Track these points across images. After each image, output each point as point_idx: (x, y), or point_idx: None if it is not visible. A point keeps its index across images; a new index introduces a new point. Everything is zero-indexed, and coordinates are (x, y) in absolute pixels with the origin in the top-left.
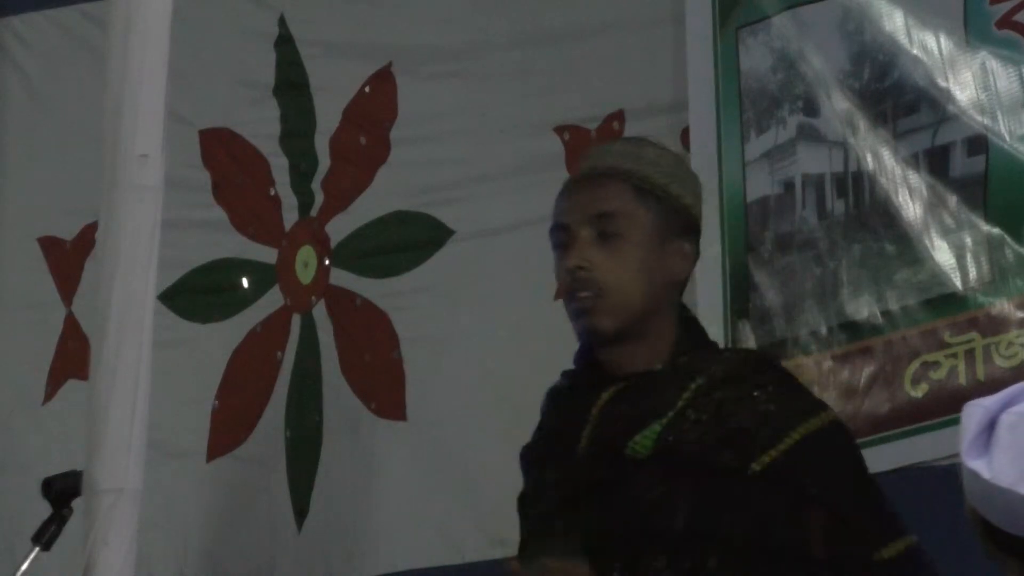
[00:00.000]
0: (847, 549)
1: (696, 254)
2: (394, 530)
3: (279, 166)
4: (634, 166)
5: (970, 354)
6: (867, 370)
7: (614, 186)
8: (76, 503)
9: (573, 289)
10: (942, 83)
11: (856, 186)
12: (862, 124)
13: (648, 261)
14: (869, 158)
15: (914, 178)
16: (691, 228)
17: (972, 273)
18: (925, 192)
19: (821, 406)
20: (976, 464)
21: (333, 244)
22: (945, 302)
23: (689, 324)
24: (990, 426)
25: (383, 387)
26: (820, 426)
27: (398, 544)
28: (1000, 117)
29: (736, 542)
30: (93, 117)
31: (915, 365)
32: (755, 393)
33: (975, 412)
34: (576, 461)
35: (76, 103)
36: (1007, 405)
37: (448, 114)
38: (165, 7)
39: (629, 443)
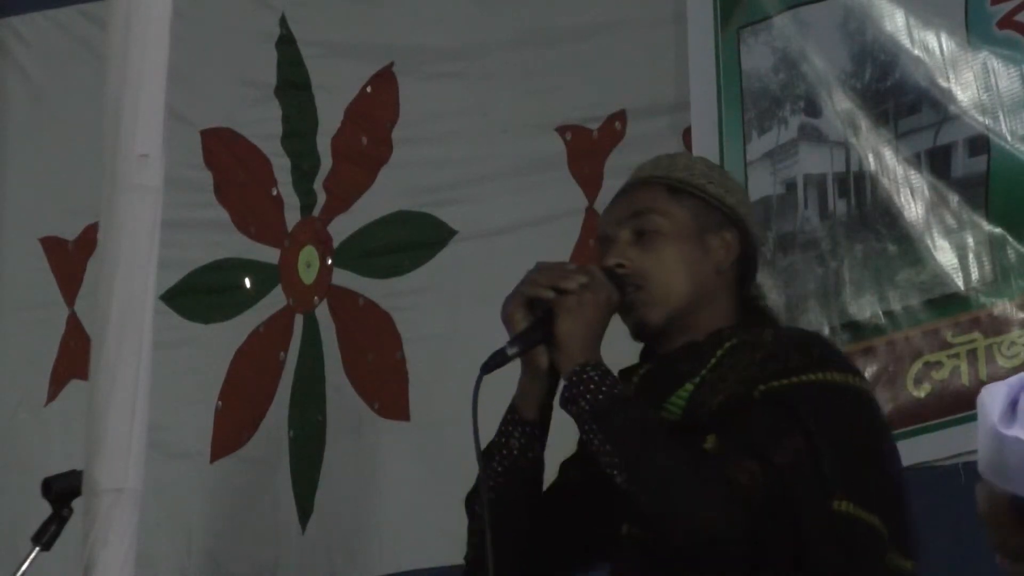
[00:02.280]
0: (808, 488)
1: (744, 245)
2: (397, 530)
3: (281, 166)
4: (666, 172)
5: (972, 354)
6: (869, 370)
7: (647, 190)
8: (76, 503)
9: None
10: (943, 83)
11: (858, 186)
12: (864, 124)
13: (688, 253)
14: (871, 158)
15: (916, 178)
16: (732, 221)
17: (974, 273)
18: (927, 192)
19: (852, 371)
20: (1015, 431)
21: (335, 244)
22: (947, 302)
23: (755, 312)
24: (1013, 404)
25: (386, 387)
26: (840, 381)
27: (402, 544)
28: (1001, 117)
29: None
30: (94, 117)
31: (917, 365)
32: (785, 349)
33: (999, 390)
34: None
35: (77, 103)
36: None
37: (450, 114)
38: (165, 7)
39: (664, 405)
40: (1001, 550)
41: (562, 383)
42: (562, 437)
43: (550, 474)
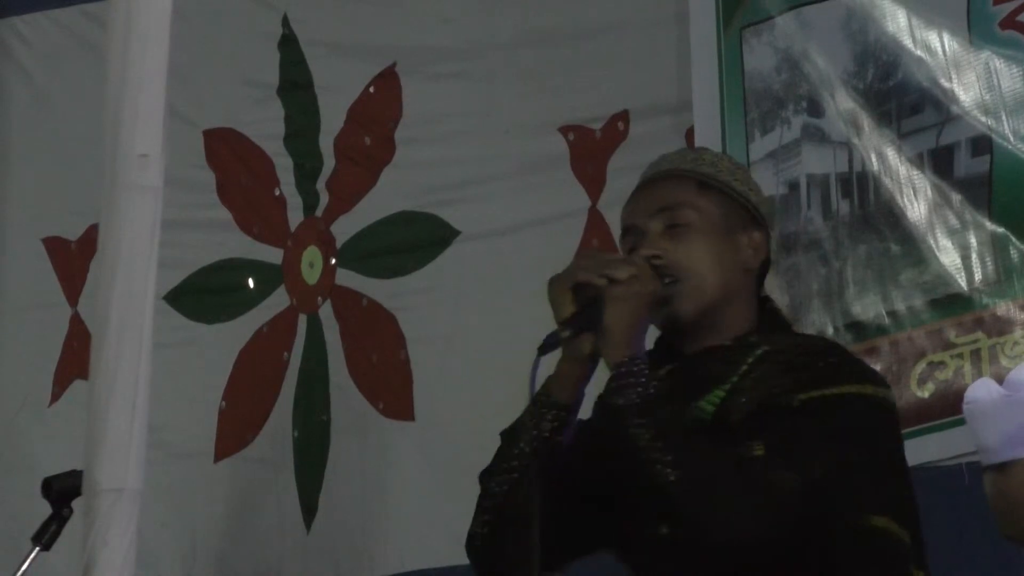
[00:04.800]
0: (845, 502)
1: (769, 246)
2: (402, 530)
3: (284, 166)
4: (694, 166)
5: (976, 354)
6: None
7: (676, 183)
8: (77, 503)
9: None
10: (946, 83)
11: (861, 186)
12: (866, 124)
13: (719, 249)
14: (874, 158)
15: (919, 178)
16: (759, 221)
17: (977, 273)
18: (930, 192)
19: (881, 382)
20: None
21: (339, 244)
22: (950, 302)
23: (771, 315)
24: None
25: (390, 387)
26: (871, 393)
27: (406, 544)
28: (1004, 117)
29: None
30: (96, 117)
31: (921, 365)
32: (817, 358)
33: (984, 381)
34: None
35: (79, 103)
36: None
37: (452, 114)
38: (165, 7)
39: (694, 406)
40: None
41: (605, 374)
42: None
43: None
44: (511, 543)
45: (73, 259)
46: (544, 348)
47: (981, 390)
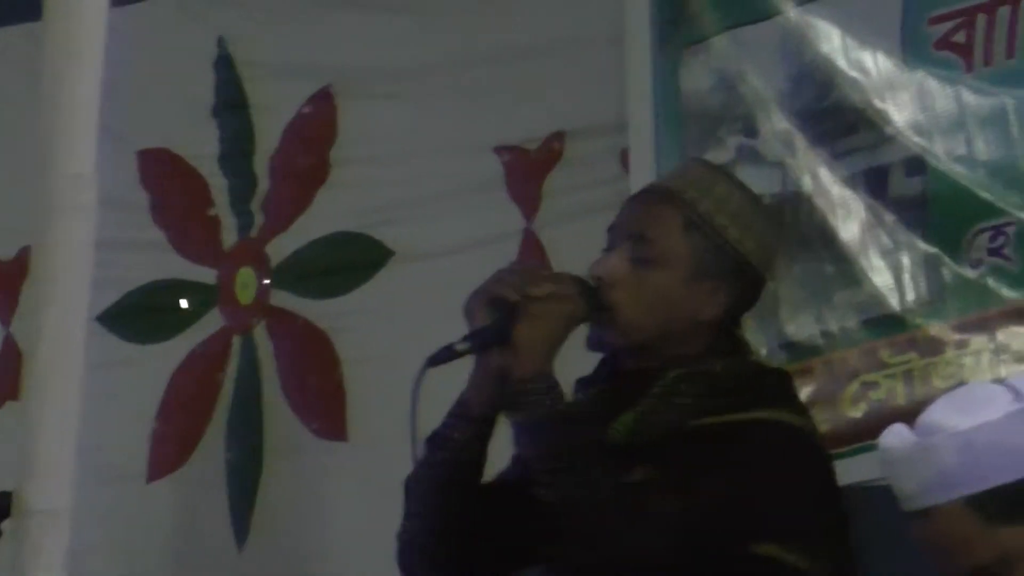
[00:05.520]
0: (730, 528)
1: (740, 298)
2: (338, 551)
3: (218, 186)
4: (696, 197)
5: (909, 375)
6: (807, 390)
7: (666, 212)
8: (7, 524)
9: None
10: (880, 104)
11: (795, 207)
12: (801, 145)
13: (674, 295)
14: (808, 179)
15: (853, 199)
16: (739, 273)
17: (911, 294)
18: (864, 213)
19: (795, 408)
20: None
21: (273, 265)
22: (884, 322)
23: (726, 340)
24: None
25: (324, 408)
26: (775, 419)
27: (342, 565)
28: (938, 138)
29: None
30: (30, 136)
31: (855, 385)
32: (725, 380)
33: (898, 427)
34: None
35: (15, 123)
36: None
37: (388, 135)
38: (99, 28)
39: (610, 429)
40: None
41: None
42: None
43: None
44: (432, 551)
45: (6, 279)
46: (433, 360)
47: (894, 438)
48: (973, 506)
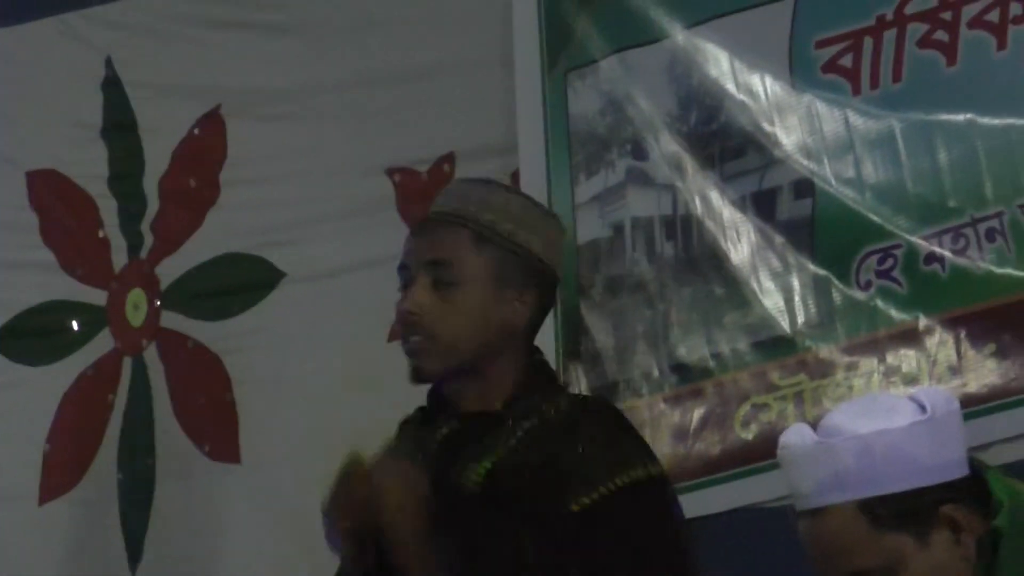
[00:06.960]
0: None
1: (542, 300)
2: (231, 572)
3: (108, 208)
4: (477, 211)
5: (799, 396)
6: (698, 412)
7: (453, 232)
8: None
9: (405, 332)
10: (768, 127)
11: (685, 229)
12: (690, 167)
13: (481, 308)
14: (697, 201)
15: (742, 221)
16: (536, 274)
17: (800, 316)
18: (753, 235)
19: (645, 458)
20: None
21: (163, 286)
22: (774, 344)
23: (537, 367)
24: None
25: (216, 430)
26: (640, 478)
27: None
28: (826, 161)
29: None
30: None
31: (745, 407)
32: (583, 439)
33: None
34: None
35: None
36: None
37: (278, 156)
38: None
39: (462, 476)
40: None
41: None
42: None
43: None
44: None
45: None
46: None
47: (795, 436)
48: (864, 510)
